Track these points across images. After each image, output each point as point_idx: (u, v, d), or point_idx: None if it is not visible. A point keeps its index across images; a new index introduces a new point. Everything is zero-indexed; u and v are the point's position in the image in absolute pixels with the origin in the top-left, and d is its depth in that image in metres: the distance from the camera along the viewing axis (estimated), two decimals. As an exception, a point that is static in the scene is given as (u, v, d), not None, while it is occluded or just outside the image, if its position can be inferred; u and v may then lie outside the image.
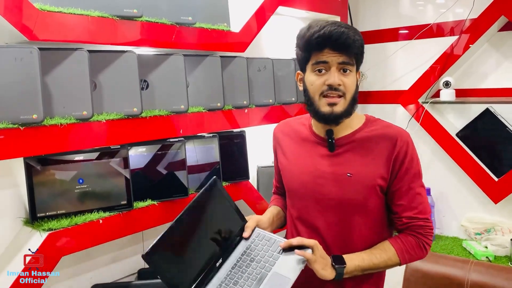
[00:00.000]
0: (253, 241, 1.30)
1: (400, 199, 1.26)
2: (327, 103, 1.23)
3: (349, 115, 1.27)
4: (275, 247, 1.25)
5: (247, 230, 1.30)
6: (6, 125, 1.18)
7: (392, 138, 1.26)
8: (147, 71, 1.58)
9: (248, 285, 1.18)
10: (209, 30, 1.76)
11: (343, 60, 1.21)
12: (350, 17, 2.77)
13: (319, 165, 1.31)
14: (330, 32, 1.19)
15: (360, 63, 1.29)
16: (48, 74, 1.31)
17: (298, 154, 1.37)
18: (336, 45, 1.20)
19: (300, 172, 1.34)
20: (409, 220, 1.26)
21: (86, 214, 1.42)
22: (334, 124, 1.27)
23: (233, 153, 1.91)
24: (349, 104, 1.25)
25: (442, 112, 2.61)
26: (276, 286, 1.17)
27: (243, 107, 1.94)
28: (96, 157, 1.45)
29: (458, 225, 2.56)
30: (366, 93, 2.91)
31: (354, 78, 1.25)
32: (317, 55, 1.23)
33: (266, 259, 1.23)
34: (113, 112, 1.46)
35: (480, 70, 2.47)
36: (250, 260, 1.25)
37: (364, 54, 1.28)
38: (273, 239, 1.28)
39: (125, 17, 1.46)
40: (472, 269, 1.90)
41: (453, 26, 2.53)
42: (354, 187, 1.26)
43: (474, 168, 2.40)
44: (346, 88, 1.23)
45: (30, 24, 1.24)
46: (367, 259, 1.22)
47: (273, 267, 1.21)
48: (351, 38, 1.20)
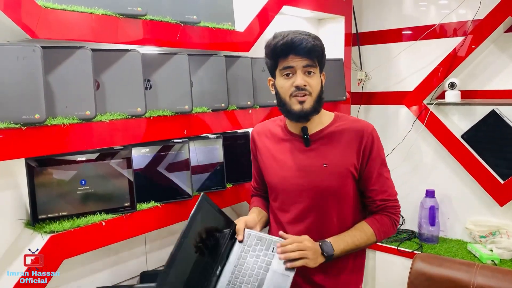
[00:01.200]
0: (246, 243, 1.38)
1: (373, 185, 1.45)
2: (297, 101, 1.39)
3: (317, 111, 1.43)
4: (268, 246, 1.35)
5: (240, 233, 1.41)
6: (8, 125, 1.16)
7: (359, 131, 1.44)
8: (150, 70, 1.56)
9: None
10: (214, 29, 1.74)
11: (306, 64, 1.37)
12: (354, 17, 2.75)
13: (297, 159, 1.46)
14: (292, 40, 1.35)
15: (323, 66, 1.44)
16: (51, 73, 1.29)
17: (277, 152, 1.51)
18: (298, 50, 1.35)
19: (281, 168, 1.49)
20: (382, 202, 1.45)
21: (88, 216, 1.39)
22: (305, 120, 1.43)
23: (237, 154, 1.88)
24: (315, 102, 1.40)
25: (447, 113, 2.59)
26: (277, 285, 1.25)
27: (247, 108, 1.91)
28: (98, 158, 1.42)
29: (463, 228, 2.54)
30: (370, 94, 2.89)
31: (318, 79, 1.41)
32: (283, 61, 1.39)
33: (262, 260, 1.31)
34: (117, 112, 1.43)
35: (486, 71, 2.45)
36: (247, 263, 1.32)
37: (325, 56, 1.44)
38: (264, 238, 1.38)
39: (129, 15, 1.44)
40: (477, 273, 1.88)
41: (458, 27, 2.51)
42: (330, 176, 1.42)
43: (480, 170, 2.38)
44: (312, 88, 1.39)
45: (32, 22, 1.21)
46: (350, 242, 1.39)
47: (270, 267, 1.29)
48: (311, 43, 1.35)
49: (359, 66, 2.86)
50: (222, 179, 1.80)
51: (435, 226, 2.50)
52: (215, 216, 1.40)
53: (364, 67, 2.87)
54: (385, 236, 1.47)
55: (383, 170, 1.46)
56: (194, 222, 1.29)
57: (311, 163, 1.44)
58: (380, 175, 1.45)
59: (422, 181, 2.65)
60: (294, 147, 1.48)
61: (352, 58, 2.76)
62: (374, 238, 1.44)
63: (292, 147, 1.48)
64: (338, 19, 2.58)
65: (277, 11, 2.06)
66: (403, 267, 2.34)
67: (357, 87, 2.88)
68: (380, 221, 1.45)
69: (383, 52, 2.80)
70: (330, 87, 2.34)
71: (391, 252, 2.46)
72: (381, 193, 1.45)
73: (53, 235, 1.29)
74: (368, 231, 1.43)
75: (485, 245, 2.36)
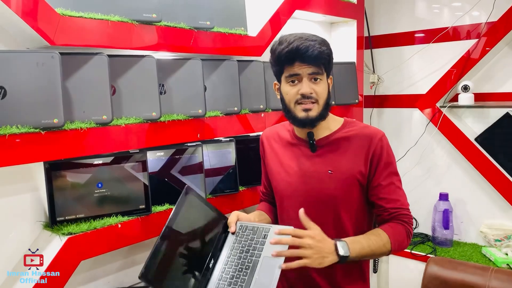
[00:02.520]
0: (238, 234, 1.37)
1: (383, 193, 1.37)
2: (302, 109, 1.35)
3: (324, 118, 1.38)
4: (260, 234, 1.32)
5: (232, 225, 1.38)
6: (28, 129, 1.19)
7: (367, 137, 1.38)
8: (165, 75, 1.58)
9: (244, 276, 1.24)
10: (226, 34, 1.76)
11: (312, 71, 1.33)
12: (366, 20, 2.75)
13: (303, 165, 1.43)
14: (297, 47, 1.30)
15: (330, 70, 1.40)
16: (69, 79, 1.32)
17: (284, 157, 1.48)
18: (304, 58, 1.31)
19: (287, 173, 1.46)
20: (395, 210, 1.36)
21: (105, 218, 1.42)
22: (311, 126, 1.39)
23: (250, 157, 1.90)
24: (322, 109, 1.37)
25: (460, 116, 2.58)
26: (269, 269, 1.23)
27: (259, 111, 1.93)
28: (115, 161, 1.45)
29: (477, 231, 2.52)
30: (383, 97, 2.89)
31: (325, 85, 1.37)
32: (288, 68, 1.34)
33: (254, 247, 1.30)
34: (132, 117, 1.46)
35: (500, 74, 2.43)
36: (239, 252, 1.31)
37: (332, 60, 1.39)
38: (256, 227, 1.35)
39: (144, 21, 1.47)
40: (492, 277, 1.87)
41: (471, 29, 2.50)
42: (336, 183, 1.37)
43: (494, 173, 2.36)
44: (318, 95, 1.35)
45: (51, 29, 1.25)
46: (366, 246, 1.28)
47: (262, 253, 1.27)
48: (317, 50, 1.30)
49: (371, 69, 2.86)
50: (235, 182, 1.82)
51: (449, 229, 2.48)
52: (204, 209, 1.38)
53: (376, 70, 2.87)
54: (399, 247, 1.35)
55: (394, 179, 1.38)
56: (178, 214, 1.28)
57: (316, 169, 1.40)
58: (391, 184, 1.37)
59: (436, 184, 2.64)
60: (300, 152, 1.45)
61: (365, 61, 2.76)
62: (389, 246, 1.31)
63: (299, 153, 1.45)
64: (350, 22, 2.59)
65: (289, 15, 2.08)
66: (417, 270, 2.33)
67: (370, 90, 2.88)
68: (394, 228, 1.35)
69: (395, 55, 2.80)
70: (342, 90, 2.35)
71: (405, 255, 2.45)
72: (393, 201, 1.36)
73: (71, 236, 1.32)
74: (384, 237, 1.32)
75: (500, 248, 2.34)
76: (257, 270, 1.24)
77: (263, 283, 1.20)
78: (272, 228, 1.32)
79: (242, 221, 1.40)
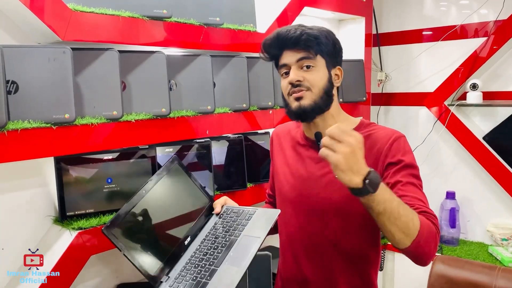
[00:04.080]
0: (222, 216, 1.32)
1: (404, 190, 1.14)
2: (294, 98, 1.22)
3: (321, 110, 1.23)
4: (244, 216, 1.27)
5: (217, 206, 1.33)
6: (39, 124, 1.20)
7: (382, 138, 1.22)
8: (175, 71, 1.58)
9: (218, 253, 1.18)
10: (236, 31, 1.76)
11: (301, 57, 1.20)
12: (374, 17, 2.74)
13: (309, 167, 1.30)
14: (277, 33, 1.22)
15: (332, 57, 1.25)
16: (80, 74, 1.32)
17: (291, 158, 1.36)
18: (288, 43, 1.21)
19: (291, 175, 1.34)
20: (419, 206, 1.11)
21: (114, 213, 1.41)
22: (305, 119, 1.25)
23: (258, 154, 1.90)
24: (318, 98, 1.21)
25: (468, 115, 2.56)
26: (246, 247, 1.16)
27: (267, 108, 1.93)
28: (124, 156, 1.46)
29: (484, 230, 2.52)
30: (390, 95, 2.88)
31: (320, 73, 1.22)
32: (279, 59, 1.25)
33: (235, 227, 1.24)
34: (142, 112, 1.47)
35: (509, 72, 2.42)
36: (219, 232, 1.26)
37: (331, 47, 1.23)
38: (241, 210, 1.30)
39: (154, 17, 1.47)
40: (499, 276, 1.86)
41: (480, 27, 2.48)
42: (341, 188, 1.13)
43: (502, 172, 2.35)
44: (310, 82, 1.21)
45: (63, 25, 1.25)
46: (395, 202, 1.01)
47: (242, 233, 1.21)
48: (299, 31, 1.19)
49: (379, 67, 2.85)
50: (243, 178, 1.82)
51: (455, 228, 2.48)
52: (189, 184, 1.34)
53: (384, 68, 2.86)
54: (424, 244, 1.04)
55: (414, 180, 1.17)
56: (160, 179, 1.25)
57: (322, 173, 1.27)
58: (410, 183, 1.15)
59: (443, 183, 2.64)
60: (308, 154, 1.32)
61: (372, 58, 2.75)
62: (417, 226, 1.03)
63: (306, 154, 1.32)
64: (358, 19, 2.58)
65: (298, 12, 2.07)
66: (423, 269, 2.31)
67: (377, 88, 2.87)
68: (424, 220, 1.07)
69: (403, 53, 2.78)
70: (350, 87, 2.35)
71: (411, 253, 2.45)
72: (415, 199, 1.12)
73: (81, 231, 1.32)
74: (415, 214, 1.05)
75: (506, 248, 2.33)
76: (233, 248, 1.17)
77: (237, 258, 1.14)
78: (258, 210, 1.27)
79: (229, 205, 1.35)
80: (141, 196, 1.20)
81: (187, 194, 1.33)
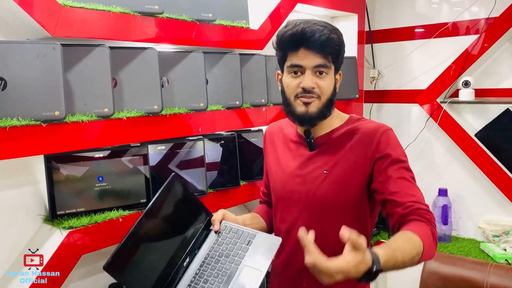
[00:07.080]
0: (220, 235, 1.27)
1: (395, 186, 1.16)
2: (302, 102, 1.21)
3: (324, 117, 1.25)
4: (244, 239, 1.22)
5: (216, 223, 1.29)
6: (29, 121, 1.17)
7: (370, 132, 1.23)
8: (167, 68, 1.57)
9: (219, 283, 1.15)
10: (228, 27, 1.74)
11: (318, 63, 1.19)
12: (367, 14, 2.74)
13: (301, 164, 1.31)
14: (303, 30, 1.17)
15: (339, 64, 1.26)
16: (70, 71, 1.30)
17: (284, 155, 1.37)
18: (309, 43, 1.17)
19: (283, 172, 1.34)
20: (412, 204, 1.12)
21: (106, 212, 1.40)
22: (309, 125, 1.26)
23: (251, 152, 1.89)
24: (324, 106, 1.23)
25: (461, 112, 2.57)
26: (247, 280, 1.13)
27: (261, 106, 1.92)
28: (116, 154, 1.44)
29: (475, 227, 2.53)
30: (383, 92, 2.88)
31: (330, 81, 1.23)
32: (292, 56, 1.21)
33: (235, 253, 1.20)
34: (134, 110, 1.45)
35: (501, 69, 2.43)
36: (218, 255, 1.22)
37: (343, 54, 1.25)
38: (241, 231, 1.25)
39: (146, 13, 1.45)
40: (491, 272, 1.87)
41: (471, 25, 2.49)
42: (330, 184, 1.23)
43: (493, 169, 2.36)
44: (321, 91, 1.21)
45: (53, 20, 1.23)
46: (400, 260, 1.01)
47: (242, 260, 1.18)
48: (325, 36, 1.17)
49: (372, 64, 2.85)
50: (236, 176, 1.81)
51: (447, 225, 2.49)
52: (189, 201, 1.31)
53: (377, 65, 2.86)
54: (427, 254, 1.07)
55: (405, 173, 1.18)
56: (160, 202, 1.22)
57: (312, 170, 1.27)
58: (401, 178, 1.17)
59: (435, 180, 2.64)
60: (300, 151, 1.32)
61: (365, 56, 2.75)
62: (420, 256, 1.05)
63: (298, 151, 1.33)
64: (351, 17, 2.57)
65: (291, 9, 2.06)
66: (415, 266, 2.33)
67: (370, 85, 2.87)
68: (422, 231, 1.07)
69: (396, 50, 2.79)
70: (342, 85, 2.30)
71: (403, 250, 2.45)
72: (408, 196, 1.14)
73: (72, 230, 1.30)
74: (418, 244, 1.04)
75: (498, 244, 2.34)
76: (234, 279, 1.14)
77: None
78: (258, 235, 1.23)
79: (227, 221, 1.31)
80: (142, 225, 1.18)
81: (187, 214, 1.30)
